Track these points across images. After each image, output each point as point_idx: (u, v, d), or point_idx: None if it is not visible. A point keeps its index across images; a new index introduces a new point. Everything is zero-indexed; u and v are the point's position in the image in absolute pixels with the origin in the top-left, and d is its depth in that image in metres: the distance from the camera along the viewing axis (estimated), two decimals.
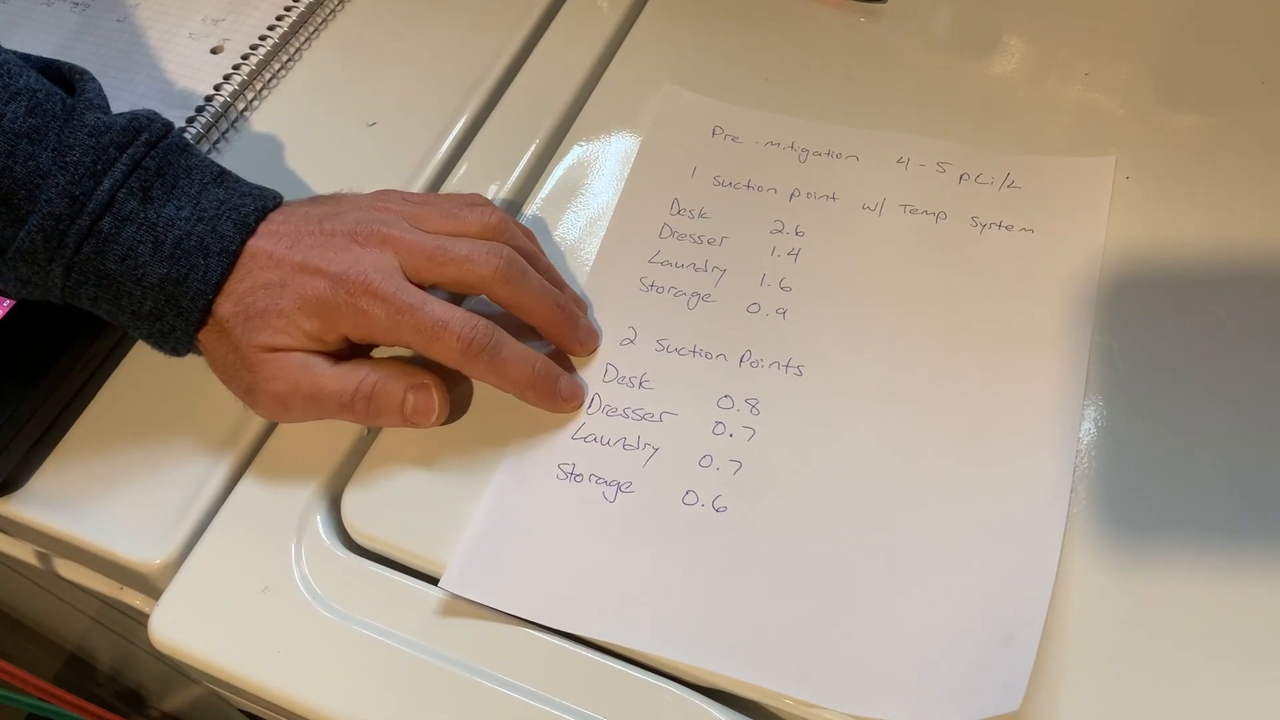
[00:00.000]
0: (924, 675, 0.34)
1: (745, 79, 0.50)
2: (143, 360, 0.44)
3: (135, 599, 0.46)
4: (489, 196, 0.47)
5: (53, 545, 0.44)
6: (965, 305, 0.42)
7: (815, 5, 0.52)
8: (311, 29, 0.54)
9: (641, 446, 0.40)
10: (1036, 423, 0.39)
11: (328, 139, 0.51)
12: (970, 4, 0.52)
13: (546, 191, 0.47)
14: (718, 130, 0.49)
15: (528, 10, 0.53)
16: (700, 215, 0.46)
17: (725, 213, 0.46)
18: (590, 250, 0.46)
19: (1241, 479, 0.37)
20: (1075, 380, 0.40)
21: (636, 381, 0.42)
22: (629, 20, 0.53)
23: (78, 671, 0.75)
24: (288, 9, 0.54)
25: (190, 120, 0.50)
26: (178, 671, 0.62)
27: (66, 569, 0.47)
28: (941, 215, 0.45)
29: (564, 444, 0.40)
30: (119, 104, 0.51)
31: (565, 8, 0.54)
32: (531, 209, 0.47)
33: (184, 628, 0.38)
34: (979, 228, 0.45)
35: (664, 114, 0.50)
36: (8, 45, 0.55)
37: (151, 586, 0.41)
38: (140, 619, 0.47)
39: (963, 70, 0.50)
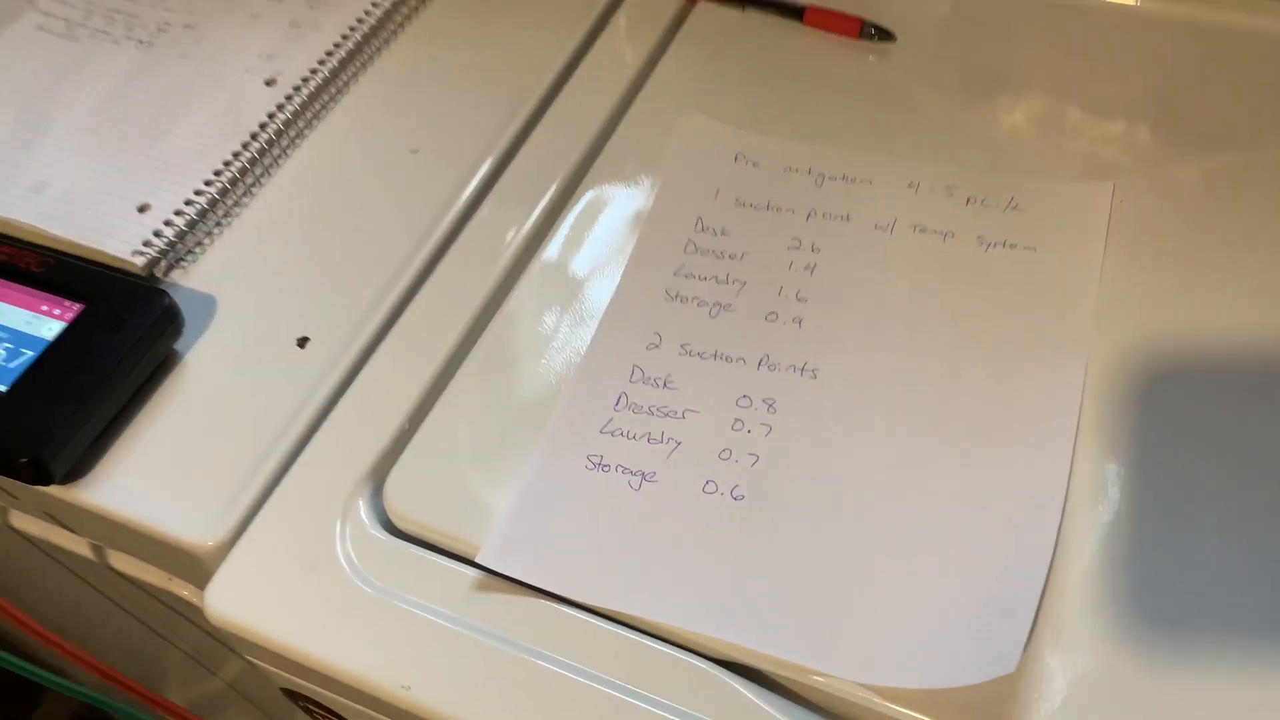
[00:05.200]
0: (928, 646, 0.36)
1: (765, 110, 0.54)
2: (200, 360, 0.48)
3: (184, 590, 0.48)
4: (528, 209, 0.50)
5: (109, 533, 0.47)
6: (971, 316, 0.45)
7: (829, 43, 0.56)
8: (360, 63, 0.58)
9: (665, 440, 0.43)
10: (1035, 421, 0.41)
11: (373, 164, 0.54)
12: (972, 44, 0.55)
13: (580, 209, 0.51)
14: (739, 156, 0.52)
15: (561, 46, 0.57)
16: (722, 233, 0.49)
17: (746, 231, 0.49)
18: (620, 263, 0.49)
19: (1240, 483, 0.39)
20: (1073, 384, 0.42)
21: (661, 382, 0.45)
22: (656, 55, 0.57)
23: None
24: (336, 45, 0.58)
25: (245, 145, 0.54)
26: (206, 668, 0.64)
27: (118, 560, 0.50)
28: (950, 234, 0.48)
29: (593, 437, 0.43)
30: (178, 133, 0.55)
31: (595, 47, 0.58)
32: (565, 225, 0.50)
33: (236, 602, 0.41)
34: (985, 246, 0.47)
35: (689, 141, 0.53)
36: (76, 81, 0.59)
37: (200, 574, 0.44)
38: (185, 610, 0.50)
39: (967, 103, 0.53)
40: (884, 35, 0.56)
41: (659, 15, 0.58)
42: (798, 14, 0.57)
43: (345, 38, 0.58)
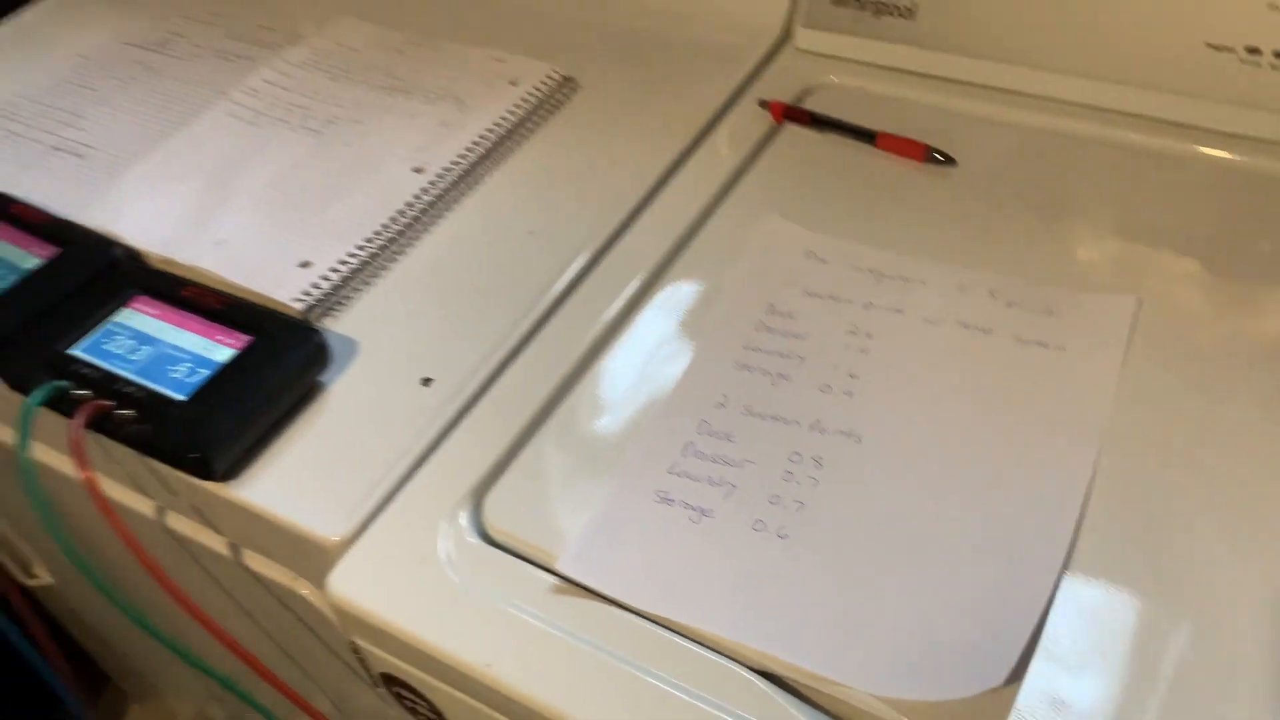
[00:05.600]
0: (929, 663, 0.42)
1: (836, 218, 0.62)
2: (341, 390, 0.57)
3: (304, 589, 0.56)
4: (624, 284, 0.59)
5: (249, 531, 0.55)
6: (1001, 399, 0.52)
7: (897, 164, 0.64)
8: (495, 158, 0.68)
9: (723, 484, 0.50)
10: (1047, 485, 0.47)
11: (497, 240, 0.64)
12: (1031, 174, 0.63)
13: (666, 289, 0.59)
14: (810, 254, 0.60)
15: (665, 153, 0.67)
16: (789, 316, 0.57)
17: (809, 316, 0.57)
18: (698, 336, 0.57)
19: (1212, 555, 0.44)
20: (1085, 459, 0.48)
21: (724, 436, 0.52)
22: (745, 167, 0.66)
23: None
24: (476, 143, 0.68)
25: (393, 220, 0.64)
26: (314, 682, 0.72)
27: (252, 560, 0.59)
28: (989, 331, 0.55)
29: (662, 476, 0.50)
30: (338, 206, 0.66)
31: (693, 157, 0.67)
32: (652, 302, 0.58)
33: (353, 586, 0.48)
34: (1019, 343, 0.54)
35: (767, 238, 0.61)
36: (258, 159, 0.71)
37: (321, 572, 0.52)
38: (301, 611, 0.58)
39: (1019, 223, 0.60)
40: (947, 160, 0.64)
41: (750, 134, 0.68)
42: (870, 138, 0.65)
43: (484, 137, 0.69)
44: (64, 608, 1.07)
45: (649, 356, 0.56)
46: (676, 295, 0.59)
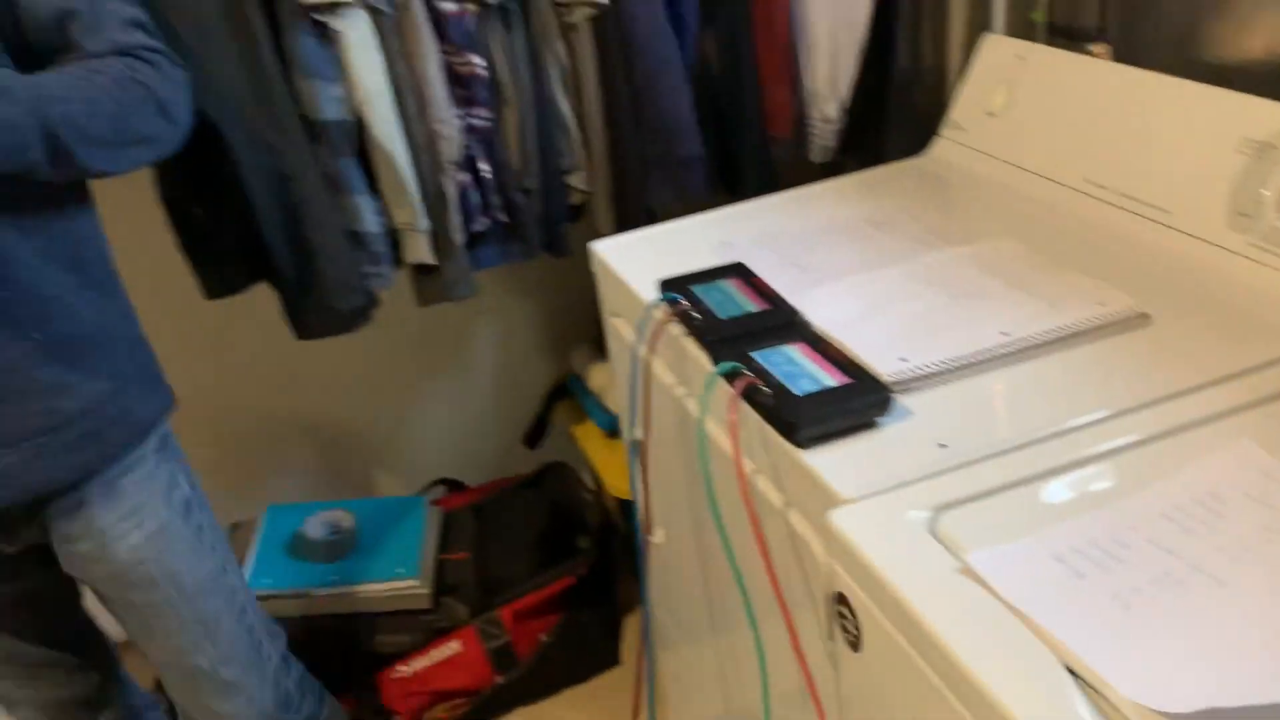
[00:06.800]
0: (1153, 684, 0.59)
1: None
2: (889, 431, 0.86)
3: (812, 541, 0.86)
4: (1119, 437, 0.81)
5: (800, 489, 0.87)
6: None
7: None
8: (1060, 346, 0.94)
9: (1103, 567, 0.70)
10: None
11: (1030, 391, 0.89)
12: None
13: (1154, 450, 0.80)
14: (1266, 474, 0.76)
15: (1192, 378, 0.87)
16: (1222, 501, 0.75)
17: (1237, 507, 0.74)
18: (1149, 485, 0.76)
19: None
20: None
21: (1124, 544, 0.72)
22: (1250, 406, 0.83)
23: None
24: (1049, 331, 0.95)
25: (970, 356, 0.93)
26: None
27: (793, 517, 0.90)
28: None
29: (1066, 549, 0.72)
30: (940, 339, 0.96)
31: (1216, 387, 0.86)
32: (1136, 453, 0.79)
33: (844, 521, 0.77)
34: None
35: (1240, 451, 0.79)
36: (902, 302, 1.04)
37: (820, 520, 0.81)
38: (808, 561, 0.87)
39: None
40: None
41: (1271, 387, 0.85)
42: None
43: (1056, 329, 0.95)
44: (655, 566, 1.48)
45: (1106, 484, 0.77)
46: (1155, 457, 0.79)
